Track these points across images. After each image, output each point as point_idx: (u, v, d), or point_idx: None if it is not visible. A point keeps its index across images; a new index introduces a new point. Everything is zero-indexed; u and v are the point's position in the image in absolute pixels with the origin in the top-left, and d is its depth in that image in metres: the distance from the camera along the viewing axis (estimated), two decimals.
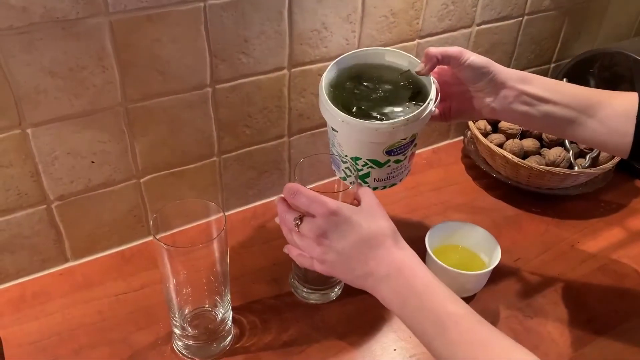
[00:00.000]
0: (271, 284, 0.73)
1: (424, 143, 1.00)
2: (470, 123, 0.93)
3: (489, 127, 0.91)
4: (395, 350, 0.66)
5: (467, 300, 0.66)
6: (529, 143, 0.88)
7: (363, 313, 0.70)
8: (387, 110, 0.62)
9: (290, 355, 0.64)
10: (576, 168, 0.85)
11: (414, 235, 0.57)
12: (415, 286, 0.51)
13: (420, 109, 0.59)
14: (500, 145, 0.88)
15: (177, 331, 0.63)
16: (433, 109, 0.61)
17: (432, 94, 0.61)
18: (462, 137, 1.01)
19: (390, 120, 0.59)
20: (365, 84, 0.64)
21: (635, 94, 0.60)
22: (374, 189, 0.66)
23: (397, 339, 0.67)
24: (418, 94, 0.63)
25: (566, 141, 0.87)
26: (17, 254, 0.70)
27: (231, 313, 0.65)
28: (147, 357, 0.64)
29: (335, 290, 0.72)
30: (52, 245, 0.72)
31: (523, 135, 0.90)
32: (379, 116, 0.61)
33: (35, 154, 0.64)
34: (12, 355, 0.63)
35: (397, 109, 0.62)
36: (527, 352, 0.47)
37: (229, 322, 0.65)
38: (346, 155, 0.64)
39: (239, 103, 0.74)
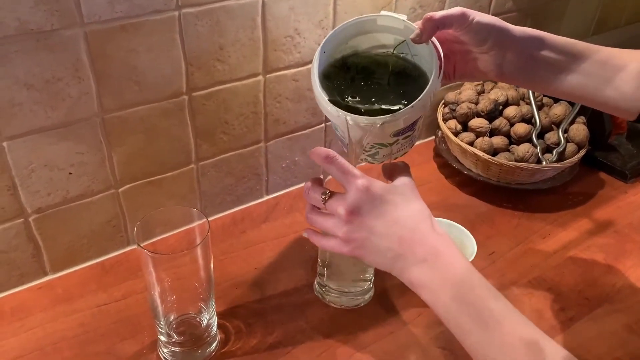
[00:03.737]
0: (253, 289, 0.74)
1: None
2: (441, 123, 0.95)
3: (459, 126, 0.94)
4: (380, 346, 0.67)
5: None
6: (498, 140, 0.91)
7: (347, 312, 0.71)
8: (388, 97, 0.56)
9: (277, 357, 0.65)
10: (544, 163, 0.88)
11: None
12: (455, 275, 0.48)
13: (424, 92, 0.53)
14: (471, 144, 0.91)
15: (162, 338, 0.63)
16: (438, 87, 0.54)
17: (435, 69, 0.53)
18: (433, 137, 1.03)
19: (394, 114, 0.53)
20: (357, 69, 0.58)
21: None
22: (381, 162, 0.61)
23: (382, 335, 0.68)
24: (418, 69, 0.57)
25: (534, 137, 0.91)
26: None
27: (216, 319, 0.65)
28: None
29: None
30: (30, 259, 0.71)
31: (492, 133, 0.93)
32: (380, 107, 0.55)
33: (11, 167, 0.63)
34: None
35: (399, 92, 0.56)
36: (571, 357, 0.45)
37: (214, 328, 0.65)
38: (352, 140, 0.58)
39: (216, 110, 0.75)
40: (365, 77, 0.58)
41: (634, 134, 1.02)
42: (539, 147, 0.89)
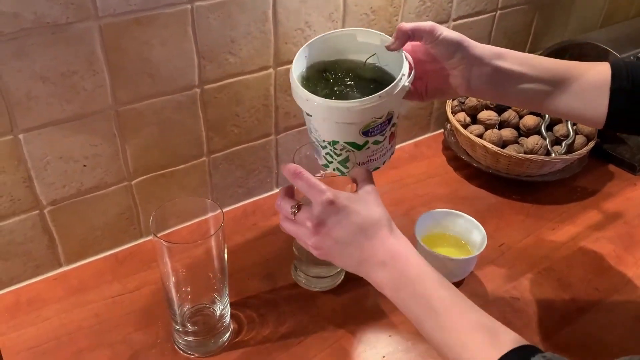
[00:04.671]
0: (266, 279, 0.74)
1: (405, 137, 1.03)
2: (450, 115, 0.96)
3: (468, 119, 0.94)
4: (390, 336, 0.68)
5: (456, 285, 0.68)
6: (507, 133, 0.91)
7: (358, 302, 0.72)
8: (359, 95, 0.60)
9: (289, 347, 0.66)
10: (553, 155, 0.89)
11: (400, 225, 0.58)
12: (409, 273, 0.53)
13: (392, 84, 0.56)
14: (480, 136, 0.91)
15: (177, 327, 0.64)
16: (406, 84, 0.58)
17: (405, 69, 0.58)
18: (442, 130, 1.04)
19: (362, 98, 0.56)
20: (334, 74, 0.63)
21: (607, 64, 0.61)
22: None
23: (392, 325, 0.69)
24: (391, 78, 0.60)
25: (543, 129, 0.91)
26: (10, 261, 0.70)
27: (229, 309, 0.66)
28: (148, 356, 0.64)
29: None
30: (45, 250, 0.72)
31: (501, 125, 0.93)
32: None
33: (27, 160, 0.64)
34: None
35: (369, 92, 0.59)
36: (517, 337, 0.48)
37: (227, 318, 0.66)
38: (324, 140, 0.61)
39: (227, 103, 0.76)
40: (340, 84, 0.63)
41: None
42: (547, 139, 0.90)
